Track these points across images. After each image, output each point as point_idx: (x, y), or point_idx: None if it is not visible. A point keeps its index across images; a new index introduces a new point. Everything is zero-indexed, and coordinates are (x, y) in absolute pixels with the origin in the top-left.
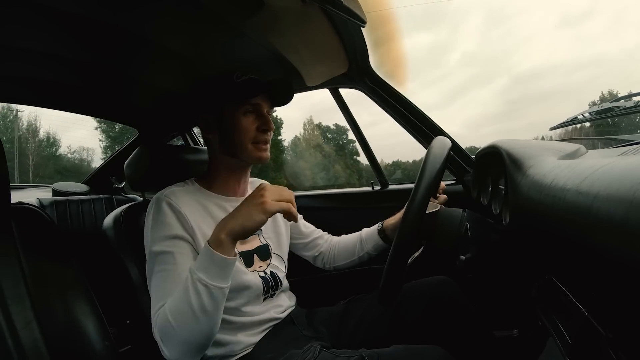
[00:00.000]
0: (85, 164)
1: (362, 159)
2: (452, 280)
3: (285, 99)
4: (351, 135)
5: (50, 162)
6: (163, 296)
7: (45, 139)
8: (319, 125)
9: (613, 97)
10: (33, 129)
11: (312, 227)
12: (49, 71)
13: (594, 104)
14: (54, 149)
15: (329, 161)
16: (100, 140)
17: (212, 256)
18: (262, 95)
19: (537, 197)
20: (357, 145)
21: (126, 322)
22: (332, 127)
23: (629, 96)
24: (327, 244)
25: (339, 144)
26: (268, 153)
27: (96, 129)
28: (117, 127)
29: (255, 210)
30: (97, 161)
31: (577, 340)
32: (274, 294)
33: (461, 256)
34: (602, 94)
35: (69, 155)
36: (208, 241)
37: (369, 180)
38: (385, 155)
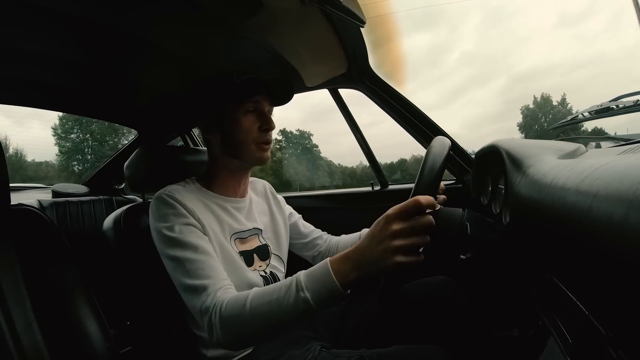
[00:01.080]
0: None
1: (337, 160)
2: (452, 280)
3: (285, 98)
4: (314, 140)
5: (17, 174)
6: (199, 275)
7: (14, 154)
8: (283, 131)
9: (547, 101)
10: (4, 146)
11: (312, 227)
12: (49, 73)
13: (526, 108)
14: (21, 160)
15: (281, 166)
16: (57, 155)
17: (331, 285)
18: (262, 94)
19: (536, 197)
20: (320, 148)
21: (126, 323)
22: (295, 132)
23: (629, 95)
24: (326, 244)
25: (304, 148)
26: (269, 153)
27: (55, 144)
28: (68, 143)
29: (380, 262)
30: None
31: (578, 339)
32: None
33: (461, 256)
34: (535, 98)
35: (53, 161)
36: (330, 263)
37: (344, 181)
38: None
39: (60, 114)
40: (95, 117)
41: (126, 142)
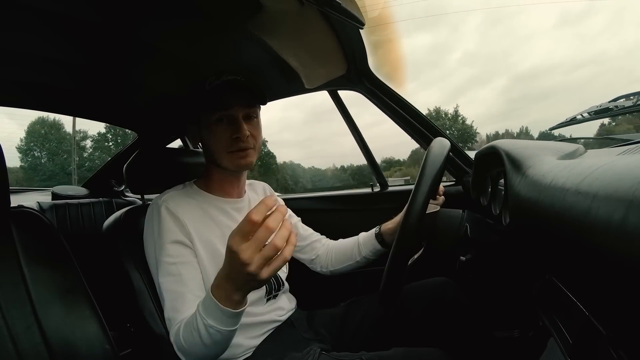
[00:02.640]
0: None
1: (310, 163)
2: (452, 282)
3: (256, 97)
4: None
5: None
6: (172, 308)
7: None
8: None
9: (439, 113)
10: None
11: (310, 230)
12: (50, 75)
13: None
14: None
15: None
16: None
17: (221, 310)
18: (236, 99)
19: (536, 198)
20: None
21: (126, 325)
22: None
23: (628, 95)
24: (324, 247)
25: None
26: (250, 159)
27: (20, 160)
28: (30, 158)
29: (249, 283)
30: None
31: (578, 340)
32: (276, 295)
33: (461, 257)
34: (429, 111)
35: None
36: (212, 291)
37: (314, 184)
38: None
39: (23, 135)
40: (96, 119)
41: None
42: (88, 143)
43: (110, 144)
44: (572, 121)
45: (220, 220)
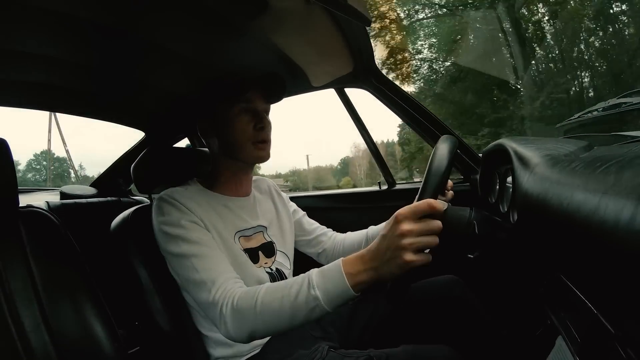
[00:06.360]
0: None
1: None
2: (460, 280)
3: (278, 94)
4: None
5: None
6: (205, 269)
7: None
8: None
9: None
10: None
11: (316, 223)
12: (56, 75)
13: None
14: None
15: None
16: None
17: (341, 286)
18: (255, 93)
19: (544, 195)
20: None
21: (135, 323)
22: None
23: (637, 92)
24: (331, 240)
25: None
26: (268, 152)
27: None
28: None
29: (391, 262)
30: None
31: (586, 338)
32: None
33: (469, 255)
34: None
35: None
36: (342, 262)
37: None
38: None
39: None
40: (103, 119)
41: None
42: (21, 167)
43: (39, 166)
44: (580, 118)
45: (225, 215)
